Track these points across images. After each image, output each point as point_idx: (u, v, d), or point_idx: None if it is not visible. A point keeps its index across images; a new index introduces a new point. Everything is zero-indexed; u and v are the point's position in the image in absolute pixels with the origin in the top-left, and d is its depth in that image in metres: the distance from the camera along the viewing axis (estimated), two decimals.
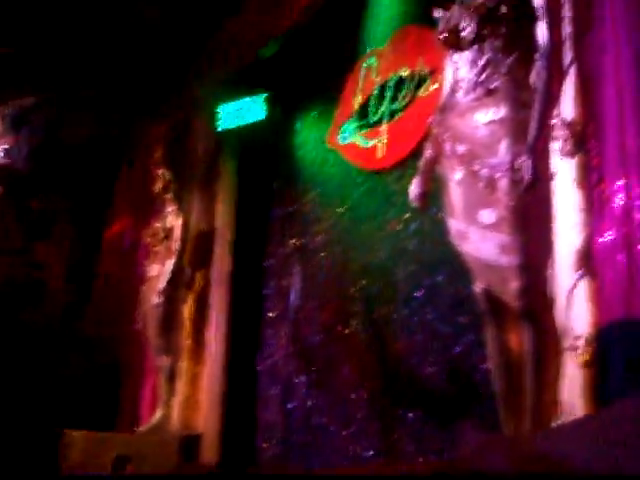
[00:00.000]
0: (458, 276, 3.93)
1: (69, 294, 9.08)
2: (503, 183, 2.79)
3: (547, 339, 2.89)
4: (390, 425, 4.32)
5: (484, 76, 2.89)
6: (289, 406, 4.65)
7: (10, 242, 9.04)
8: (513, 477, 1.13)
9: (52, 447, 5.28)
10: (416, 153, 4.07)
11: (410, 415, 4.20)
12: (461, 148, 2.94)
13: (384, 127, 4.60)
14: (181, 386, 5.46)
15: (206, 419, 5.23)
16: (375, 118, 4.67)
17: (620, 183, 2.88)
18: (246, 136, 5.46)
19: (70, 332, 8.52)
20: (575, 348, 3.02)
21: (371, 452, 4.34)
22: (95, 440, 4.70)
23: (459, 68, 2.98)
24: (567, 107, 3.11)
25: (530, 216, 2.79)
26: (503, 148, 2.81)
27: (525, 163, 2.71)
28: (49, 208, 9.17)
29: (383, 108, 4.63)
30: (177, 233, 5.31)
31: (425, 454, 4.00)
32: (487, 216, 2.85)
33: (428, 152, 3.17)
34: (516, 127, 2.81)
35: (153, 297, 5.33)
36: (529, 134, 2.75)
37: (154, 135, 5.47)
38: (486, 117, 2.88)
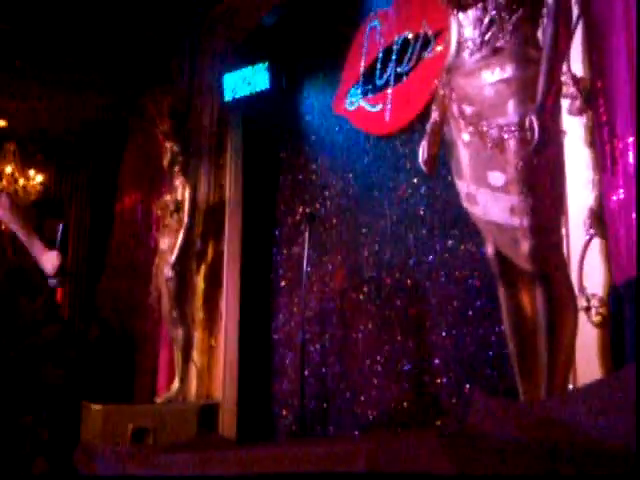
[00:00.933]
0: (469, 239, 3.91)
1: (84, 269, 9.14)
2: (512, 143, 2.74)
3: (561, 300, 2.86)
4: (406, 390, 4.33)
5: (489, 35, 2.83)
6: (304, 374, 4.65)
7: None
8: (523, 444, 1.12)
9: (73, 420, 5.34)
10: (423, 116, 4.03)
11: (426, 379, 4.20)
12: (468, 109, 2.89)
13: (390, 91, 4.54)
14: (197, 357, 5.50)
15: (223, 389, 5.27)
16: (381, 82, 4.61)
17: (631, 140, 2.83)
18: (252, 106, 5.41)
19: (86, 306, 8.60)
20: (589, 308, 3.00)
21: (386, 418, 4.36)
22: (114, 412, 4.74)
23: (464, 28, 2.91)
24: (576, 63, 3.04)
25: (540, 176, 2.74)
26: (511, 108, 2.76)
27: (534, 122, 2.66)
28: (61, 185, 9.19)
29: (389, 71, 4.57)
30: (186, 206, 5.30)
31: (442, 418, 4.01)
32: (496, 177, 2.81)
33: (435, 114, 3.12)
34: (524, 86, 2.75)
35: (166, 270, 5.34)
36: (537, 92, 2.69)
37: (159, 108, 5.43)
38: (493, 76, 2.82)
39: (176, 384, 5.41)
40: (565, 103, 2.99)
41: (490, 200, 2.84)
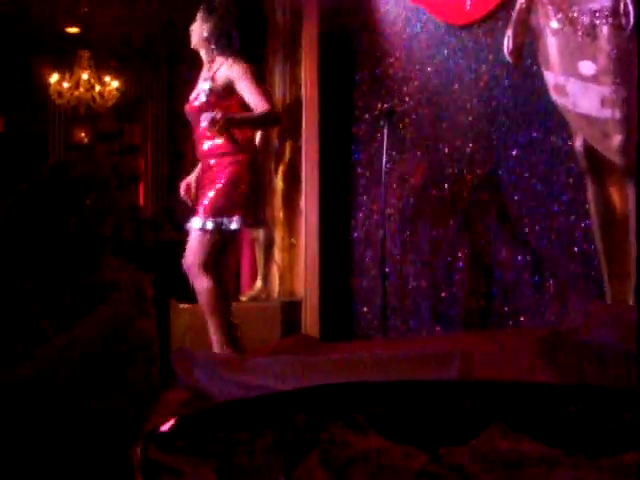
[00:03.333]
0: (556, 132, 3.77)
1: (163, 172, 9.29)
2: (604, 30, 2.60)
3: None
4: (488, 287, 4.31)
5: None
6: (386, 270, 4.67)
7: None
8: (623, 350, 1.09)
9: (162, 318, 5.54)
10: (508, 3, 3.84)
11: (509, 276, 4.17)
12: None
13: None
14: (278, 255, 5.58)
15: (305, 286, 5.35)
16: None
17: None
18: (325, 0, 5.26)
19: (164, 209, 8.78)
20: None
21: (469, 315, 4.37)
22: (199, 312, 4.88)
23: None
24: None
25: (634, 65, 2.60)
26: None
27: (629, 6, 2.50)
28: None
29: None
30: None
31: (525, 318, 3.99)
32: (587, 67, 2.68)
33: (521, 0, 2.97)
34: None
35: None
36: None
37: None
38: None
39: (259, 283, 5.52)
40: None
41: (580, 91, 2.73)
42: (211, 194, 4.05)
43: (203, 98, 4.06)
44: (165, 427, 0.71)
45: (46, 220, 1.85)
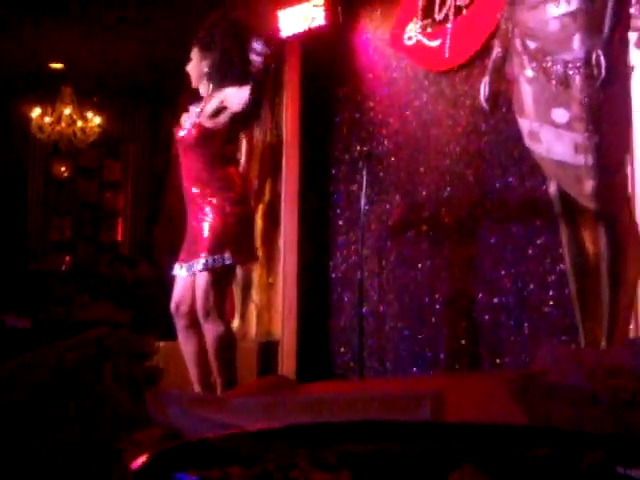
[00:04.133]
0: (531, 177, 3.85)
1: (143, 209, 9.29)
2: (577, 79, 2.67)
3: (624, 240, 2.82)
4: (464, 329, 4.33)
5: None
6: (363, 311, 4.69)
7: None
8: (589, 391, 1.12)
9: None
10: (484, 51, 3.93)
11: (486, 318, 4.20)
12: (532, 44, 2.82)
13: (450, 25, 4.42)
14: (256, 295, 5.57)
15: (282, 326, 5.35)
16: (440, 16, 4.49)
17: None
18: (308, 43, 5.34)
19: (143, 246, 8.76)
20: None
21: (444, 357, 4.38)
22: (177, 348, 4.85)
23: None
24: None
25: (606, 113, 2.67)
26: (577, 42, 2.68)
27: (600, 57, 2.58)
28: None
29: (448, 4, 4.45)
30: (243, 145, 5.30)
31: (500, 359, 4.02)
32: (561, 115, 2.75)
33: (497, 50, 3.05)
34: (590, 19, 2.66)
35: None
36: (604, 26, 2.60)
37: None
38: (558, 9, 2.73)
39: (236, 322, 5.51)
40: (633, 36, 2.88)
41: (554, 138, 2.79)
42: (208, 231, 3.79)
43: (189, 127, 3.93)
44: (137, 463, 0.72)
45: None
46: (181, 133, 3.95)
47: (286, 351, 5.24)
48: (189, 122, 3.94)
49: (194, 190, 3.88)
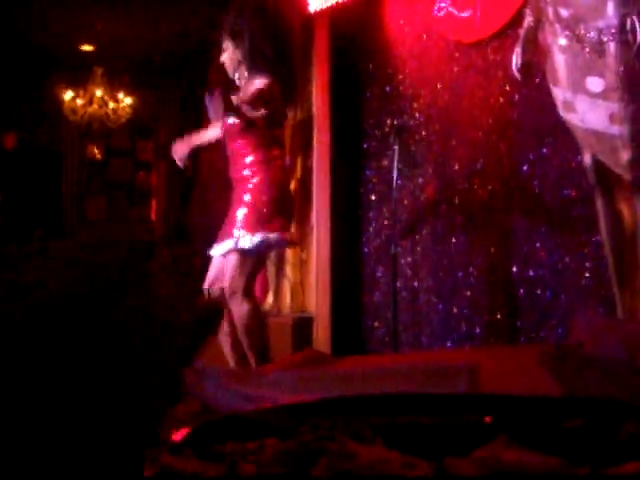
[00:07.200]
0: (565, 147, 3.79)
1: (176, 187, 9.34)
2: (612, 47, 2.62)
3: None
4: (499, 302, 4.31)
5: None
6: (397, 285, 4.68)
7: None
8: (628, 362, 1.11)
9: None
10: (516, 21, 3.87)
11: (520, 291, 4.17)
12: (565, 12, 2.76)
13: None
14: (289, 271, 5.60)
15: (316, 302, 5.36)
16: None
17: None
18: (338, 17, 5.30)
19: (177, 224, 8.82)
20: None
21: (479, 330, 4.37)
22: None
23: None
24: None
25: None
26: (611, 8, 2.62)
27: (635, 24, 2.52)
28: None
29: None
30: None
31: (537, 333, 4.00)
32: (595, 83, 2.70)
33: (529, 18, 3.00)
34: None
35: None
36: None
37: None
38: None
39: (270, 298, 5.54)
40: None
41: (588, 107, 2.74)
42: (245, 211, 3.80)
43: (231, 120, 3.94)
44: (177, 437, 0.73)
45: None
46: (229, 121, 3.92)
47: (320, 326, 5.26)
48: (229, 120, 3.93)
49: (239, 174, 3.91)
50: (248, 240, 3.73)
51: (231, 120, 3.90)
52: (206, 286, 3.91)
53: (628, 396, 1.07)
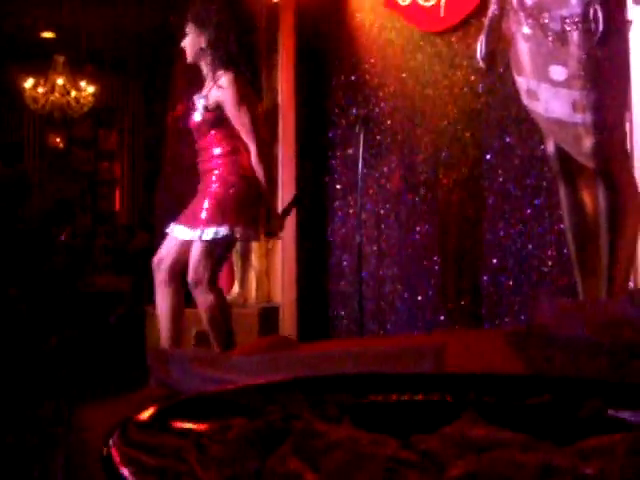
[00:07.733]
0: (528, 136, 3.83)
1: (140, 178, 9.26)
2: (574, 36, 2.64)
3: (623, 198, 2.81)
4: (464, 290, 4.35)
5: None
6: (362, 274, 4.70)
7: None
8: (590, 341, 1.13)
9: (139, 322, 5.53)
10: (480, 9, 3.89)
11: (484, 279, 4.21)
12: (529, 0, 2.78)
13: None
14: (255, 261, 5.58)
15: (282, 291, 5.36)
16: None
17: None
18: (302, 5, 5.29)
19: (141, 216, 8.75)
20: None
21: (444, 318, 4.41)
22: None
23: None
24: None
25: (604, 70, 2.65)
26: None
27: (598, 12, 2.55)
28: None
29: None
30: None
31: (500, 320, 4.04)
32: (558, 72, 2.72)
33: (493, 7, 3.01)
34: None
35: None
36: None
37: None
38: None
39: (236, 288, 5.53)
40: None
41: (551, 95, 2.76)
42: (212, 202, 3.77)
43: (198, 118, 3.90)
44: (142, 416, 0.72)
45: None
46: (198, 118, 3.87)
47: (286, 316, 5.27)
48: (200, 109, 3.87)
49: (206, 165, 3.87)
50: (213, 232, 3.70)
51: (199, 117, 3.85)
52: (155, 260, 3.86)
53: (591, 373, 1.09)
